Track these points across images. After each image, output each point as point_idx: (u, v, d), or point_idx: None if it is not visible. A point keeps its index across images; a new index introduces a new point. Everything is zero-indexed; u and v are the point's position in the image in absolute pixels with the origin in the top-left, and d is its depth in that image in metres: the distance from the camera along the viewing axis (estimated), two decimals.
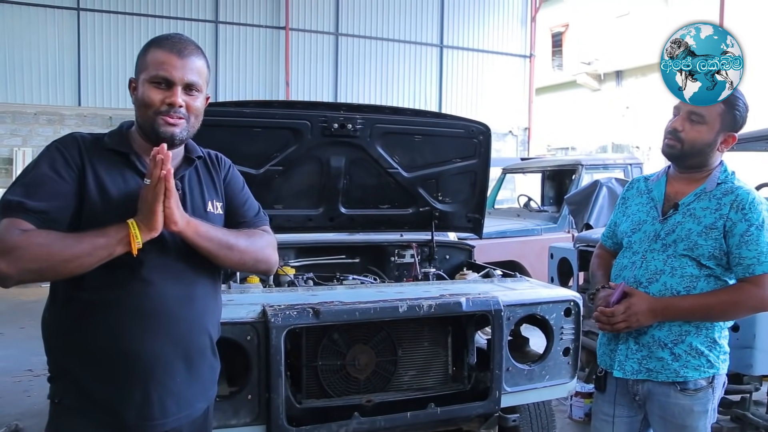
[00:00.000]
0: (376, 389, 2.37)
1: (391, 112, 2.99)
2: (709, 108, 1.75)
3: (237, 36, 12.06)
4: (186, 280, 1.46)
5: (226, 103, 2.85)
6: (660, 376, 1.77)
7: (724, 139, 1.78)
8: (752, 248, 1.69)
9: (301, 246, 3.22)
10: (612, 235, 2.06)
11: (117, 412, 1.39)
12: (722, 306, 1.73)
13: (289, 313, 2.05)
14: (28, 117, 10.63)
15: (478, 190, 3.26)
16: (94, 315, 1.38)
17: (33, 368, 4.71)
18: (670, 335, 1.76)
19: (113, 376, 1.38)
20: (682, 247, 1.76)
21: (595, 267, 2.07)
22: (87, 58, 11.02)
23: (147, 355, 1.39)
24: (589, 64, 18.20)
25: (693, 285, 1.74)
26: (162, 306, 1.41)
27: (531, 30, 14.60)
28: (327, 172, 2.97)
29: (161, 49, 1.43)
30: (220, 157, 1.67)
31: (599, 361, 1.96)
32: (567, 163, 6.85)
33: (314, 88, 12.62)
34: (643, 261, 1.82)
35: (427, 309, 2.21)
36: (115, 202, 1.39)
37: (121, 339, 1.37)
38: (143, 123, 1.45)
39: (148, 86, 1.42)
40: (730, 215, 1.72)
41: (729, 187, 1.77)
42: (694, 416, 1.75)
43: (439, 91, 13.70)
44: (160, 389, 1.42)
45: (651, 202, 1.90)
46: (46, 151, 1.42)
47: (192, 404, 1.51)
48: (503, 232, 5.86)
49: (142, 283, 1.39)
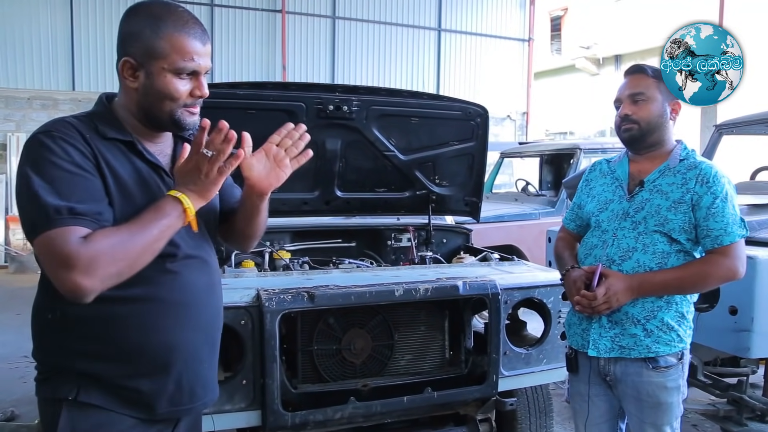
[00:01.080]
0: (372, 374, 2.35)
1: (387, 93, 2.94)
2: (645, 85, 1.84)
3: (233, 19, 11.91)
4: (207, 267, 1.43)
5: (219, 84, 2.79)
6: (633, 352, 1.81)
7: (672, 108, 1.87)
8: (719, 220, 1.75)
9: (297, 230, 3.19)
10: (575, 217, 2.09)
11: (149, 404, 1.34)
12: (694, 278, 1.77)
13: (284, 297, 2.03)
14: (22, 101, 10.50)
15: (476, 173, 3.22)
16: (122, 312, 1.29)
17: (29, 355, 4.68)
18: (643, 311, 1.80)
19: (147, 370, 1.33)
20: (652, 223, 1.80)
21: (560, 249, 2.08)
22: (81, 41, 10.86)
23: (180, 347, 1.35)
24: (588, 48, 18.07)
25: (665, 261, 1.79)
26: (192, 296, 1.37)
27: (530, 14, 14.45)
28: (322, 154, 2.93)
29: (181, 33, 1.28)
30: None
31: (570, 341, 1.99)
32: (565, 148, 6.80)
33: (311, 72, 12.51)
34: (615, 239, 1.86)
35: (423, 293, 2.19)
36: (137, 197, 1.30)
37: (153, 334, 1.31)
38: (158, 114, 1.33)
39: (171, 77, 1.29)
40: (696, 189, 1.77)
41: (692, 163, 1.83)
42: (667, 392, 1.80)
43: (437, 75, 13.60)
44: (191, 376, 1.40)
45: (616, 182, 1.94)
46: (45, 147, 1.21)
47: (213, 388, 1.51)
48: (501, 216, 5.83)
49: (170, 275, 1.33)
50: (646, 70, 1.88)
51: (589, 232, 1.97)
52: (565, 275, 1.92)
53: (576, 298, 1.81)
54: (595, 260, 1.87)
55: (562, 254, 2.05)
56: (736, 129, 4.33)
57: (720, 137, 4.40)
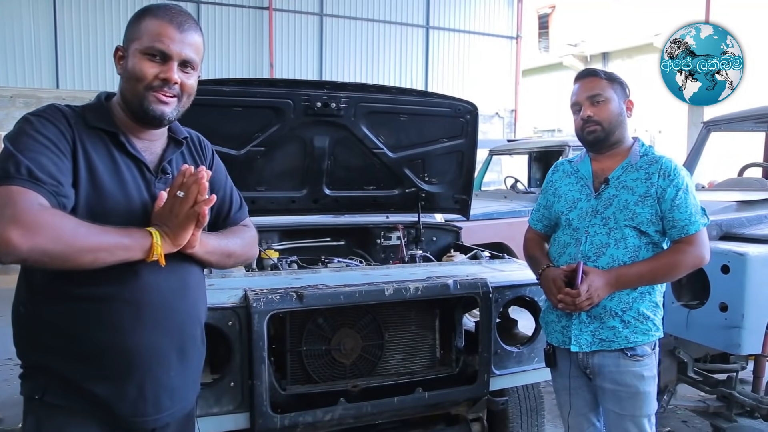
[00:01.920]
0: (363, 374, 2.33)
1: (376, 90, 2.92)
2: (600, 87, 1.92)
3: (219, 16, 11.80)
4: (179, 269, 1.38)
5: (205, 81, 2.74)
6: (613, 344, 1.87)
7: (627, 106, 1.96)
8: (683, 210, 1.84)
9: (285, 228, 3.15)
10: (542, 218, 2.14)
11: (110, 408, 1.31)
12: (666, 268, 1.86)
13: (272, 298, 1.99)
14: (4, 100, 10.34)
15: (466, 170, 3.20)
16: (85, 310, 1.28)
17: (13, 357, 4.60)
18: (620, 304, 1.87)
19: (107, 373, 1.30)
20: (622, 218, 1.87)
21: (531, 250, 2.15)
22: (65, 38, 10.71)
23: (143, 350, 1.32)
24: (576, 45, 18.14)
25: (636, 254, 1.86)
26: (158, 298, 1.33)
27: (518, 11, 14.50)
28: (310, 152, 2.90)
29: (158, 19, 1.32)
30: (203, 141, 1.60)
31: (549, 338, 2.04)
32: (554, 145, 6.81)
33: (299, 70, 12.43)
34: (587, 236, 1.91)
35: (413, 292, 2.17)
36: (107, 189, 1.28)
37: (116, 334, 1.29)
38: (131, 98, 1.33)
39: (141, 58, 1.31)
40: (659, 183, 1.85)
41: (652, 158, 1.91)
42: (645, 382, 1.87)
43: (425, 73, 13.60)
44: (155, 384, 1.35)
45: (581, 180, 2.00)
46: (29, 122, 1.27)
47: (185, 397, 1.46)
48: (490, 213, 5.82)
49: (136, 276, 1.30)
50: (598, 74, 1.96)
51: (560, 230, 2.02)
52: (542, 274, 1.98)
53: (560, 296, 1.84)
54: (570, 258, 1.93)
55: (534, 254, 2.11)
56: (724, 126, 4.35)
57: (708, 134, 4.42)
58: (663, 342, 2.96)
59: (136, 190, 1.33)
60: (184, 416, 1.50)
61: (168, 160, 1.42)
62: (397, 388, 2.25)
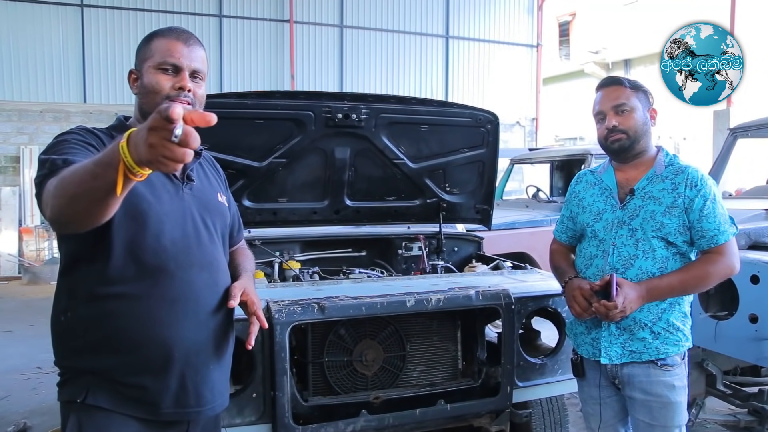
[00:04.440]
0: (384, 385, 2.32)
1: (396, 101, 2.92)
2: (625, 96, 1.90)
3: (241, 30, 11.98)
4: (210, 266, 1.47)
5: (228, 94, 2.79)
6: (643, 356, 1.85)
7: (651, 115, 1.94)
8: (712, 221, 1.81)
9: (306, 240, 3.17)
10: (566, 229, 2.11)
11: (153, 402, 1.38)
12: (697, 278, 1.84)
13: (294, 309, 2.00)
14: (34, 114, 10.61)
15: (487, 180, 3.19)
16: (122, 308, 1.36)
17: (42, 366, 4.70)
18: (650, 315, 1.85)
19: (149, 365, 1.37)
20: (650, 229, 1.84)
21: (557, 261, 2.11)
22: (92, 54, 10.98)
23: (180, 342, 1.39)
24: (597, 53, 17.98)
25: (665, 265, 1.84)
26: (190, 292, 1.41)
27: (538, 19, 14.44)
28: (332, 163, 2.91)
29: (166, 38, 1.45)
30: (213, 159, 1.72)
31: (580, 350, 2.01)
32: (575, 153, 6.74)
33: (319, 81, 12.54)
34: (614, 248, 1.89)
35: (435, 303, 2.16)
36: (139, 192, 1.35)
37: (153, 328, 1.36)
38: (150, 111, 1.35)
39: (156, 73, 1.42)
40: (687, 193, 1.83)
41: (678, 168, 1.89)
42: (676, 391, 1.84)
43: (446, 83, 13.60)
44: (195, 376, 1.42)
45: (606, 191, 1.97)
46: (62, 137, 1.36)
47: (223, 393, 1.52)
48: (512, 223, 5.78)
49: (168, 274, 1.38)
50: (623, 82, 1.94)
51: (585, 242, 2.00)
52: (567, 285, 1.96)
53: (595, 305, 1.81)
54: (597, 269, 1.91)
55: (560, 265, 2.08)
56: (751, 132, 4.27)
57: (735, 141, 4.34)
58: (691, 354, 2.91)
59: (167, 194, 1.43)
60: (213, 418, 1.54)
61: (190, 168, 1.51)
62: (418, 399, 2.24)
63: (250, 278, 1.61)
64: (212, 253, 1.49)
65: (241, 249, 1.77)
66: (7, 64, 10.51)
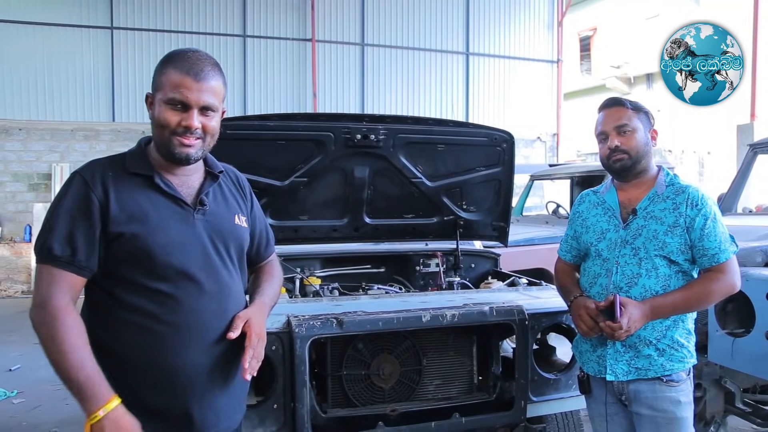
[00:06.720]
0: (401, 399, 2.37)
1: (413, 122, 3.00)
2: (627, 116, 1.94)
3: (264, 49, 12.26)
4: (219, 294, 1.49)
5: (250, 117, 2.90)
6: (649, 373, 1.88)
7: (652, 135, 1.99)
8: (713, 239, 1.85)
9: (327, 256, 3.25)
10: (570, 248, 2.15)
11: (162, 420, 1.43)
12: (700, 296, 1.87)
13: (313, 324, 2.08)
14: (66, 133, 10.98)
15: (503, 198, 3.25)
16: (132, 334, 1.42)
17: None
18: (654, 332, 1.88)
19: (157, 386, 1.43)
20: (652, 248, 1.88)
21: (562, 280, 2.15)
22: (120, 75, 11.35)
23: (186, 368, 1.43)
24: (619, 67, 17.92)
25: (668, 283, 1.88)
26: (198, 320, 1.44)
27: (558, 35, 14.46)
28: (351, 182, 3.00)
29: (177, 70, 1.42)
30: (240, 177, 1.71)
31: (586, 368, 2.04)
32: (595, 169, 6.73)
33: (341, 99, 12.73)
34: (618, 266, 1.92)
35: (450, 318, 2.22)
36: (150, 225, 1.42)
37: (159, 354, 1.42)
38: (159, 143, 1.46)
39: (164, 107, 1.42)
40: (687, 212, 1.87)
41: (679, 187, 1.93)
42: (682, 407, 1.87)
43: (466, 99, 13.67)
44: (200, 401, 1.46)
45: (609, 211, 2.01)
46: (69, 187, 1.43)
47: (230, 416, 1.55)
48: (531, 239, 5.79)
49: (177, 301, 1.43)
50: (624, 103, 1.97)
51: (589, 261, 2.04)
52: (572, 304, 1.99)
53: (602, 325, 1.84)
54: (602, 288, 1.95)
55: (565, 284, 2.13)
56: None
57: (755, 156, 4.33)
58: (708, 371, 2.90)
59: (176, 223, 1.46)
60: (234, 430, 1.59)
61: (205, 192, 1.52)
62: (434, 412, 2.29)
63: (261, 306, 1.59)
64: (223, 280, 1.50)
65: (269, 266, 1.77)
66: (41, 86, 10.93)
